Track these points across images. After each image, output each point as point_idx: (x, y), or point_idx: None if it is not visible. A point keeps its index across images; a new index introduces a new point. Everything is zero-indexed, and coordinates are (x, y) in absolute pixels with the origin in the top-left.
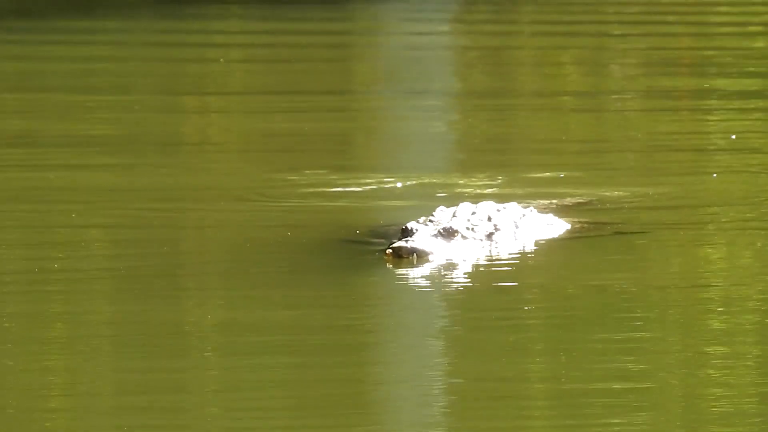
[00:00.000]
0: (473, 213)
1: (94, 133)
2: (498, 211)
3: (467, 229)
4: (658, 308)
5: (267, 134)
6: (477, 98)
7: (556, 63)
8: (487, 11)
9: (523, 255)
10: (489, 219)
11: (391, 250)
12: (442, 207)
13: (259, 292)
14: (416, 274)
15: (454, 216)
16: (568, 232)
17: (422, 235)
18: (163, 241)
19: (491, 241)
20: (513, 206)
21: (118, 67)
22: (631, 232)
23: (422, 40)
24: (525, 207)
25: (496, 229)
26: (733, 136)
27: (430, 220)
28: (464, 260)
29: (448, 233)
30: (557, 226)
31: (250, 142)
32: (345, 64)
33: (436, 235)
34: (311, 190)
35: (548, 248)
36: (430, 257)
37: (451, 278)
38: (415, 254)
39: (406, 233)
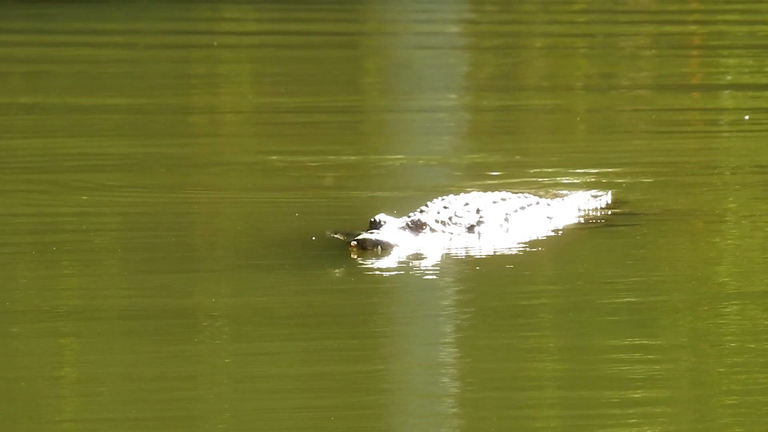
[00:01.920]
0: (466, 204)
1: (105, 130)
2: (494, 202)
3: (437, 222)
4: (658, 309)
5: (277, 127)
6: (487, 92)
7: (566, 54)
8: (497, 11)
9: (492, 249)
10: (477, 211)
11: (355, 242)
12: (445, 197)
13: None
14: (372, 266)
15: (444, 207)
16: (568, 224)
17: (389, 228)
18: (173, 227)
19: (472, 234)
20: (514, 198)
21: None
22: (630, 225)
23: (431, 36)
24: (528, 198)
25: (479, 223)
26: (747, 117)
27: (421, 210)
28: (427, 253)
29: (416, 226)
30: (558, 219)
31: (261, 135)
32: (354, 60)
33: (403, 228)
34: (322, 180)
35: (528, 242)
36: (395, 249)
37: (409, 270)
38: (379, 246)
39: (374, 225)
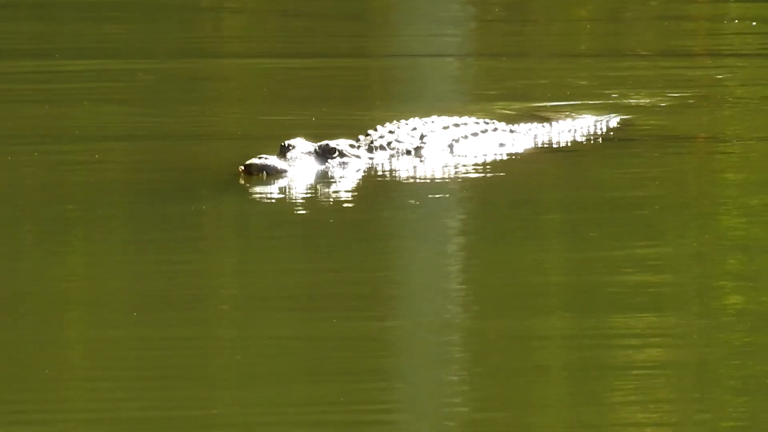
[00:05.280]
0: (413, 129)
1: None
2: (445, 128)
3: (354, 147)
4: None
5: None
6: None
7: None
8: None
9: (412, 175)
10: (421, 137)
11: (243, 167)
12: (396, 121)
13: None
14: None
15: (390, 132)
16: (522, 151)
17: (296, 152)
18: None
19: (412, 158)
20: (471, 123)
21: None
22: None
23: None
24: (488, 124)
25: (419, 148)
26: (754, 23)
27: (366, 134)
28: (317, 179)
29: (324, 152)
30: (512, 146)
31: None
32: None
33: (310, 153)
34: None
35: (465, 169)
36: (283, 175)
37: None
38: (264, 172)
39: (284, 149)
